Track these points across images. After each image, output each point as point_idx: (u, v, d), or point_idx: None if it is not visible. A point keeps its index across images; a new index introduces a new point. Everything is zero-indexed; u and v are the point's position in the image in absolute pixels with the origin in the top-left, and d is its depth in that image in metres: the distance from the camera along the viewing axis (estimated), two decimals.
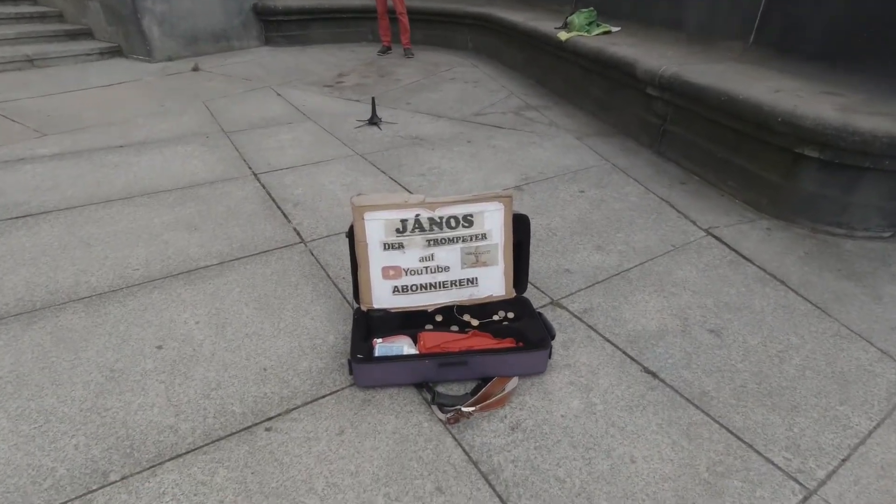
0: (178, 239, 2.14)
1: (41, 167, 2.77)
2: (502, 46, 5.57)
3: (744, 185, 2.51)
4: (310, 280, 1.89)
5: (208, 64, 5.17)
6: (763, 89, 2.37)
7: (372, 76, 5.02)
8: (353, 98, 4.24)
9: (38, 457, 1.20)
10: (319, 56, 5.78)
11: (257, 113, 3.81)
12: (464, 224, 1.49)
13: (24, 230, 2.18)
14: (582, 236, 2.22)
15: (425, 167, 2.90)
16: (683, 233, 2.26)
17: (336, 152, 3.09)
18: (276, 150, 3.10)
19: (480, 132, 3.48)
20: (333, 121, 3.66)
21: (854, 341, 1.63)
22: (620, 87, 3.44)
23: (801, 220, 2.28)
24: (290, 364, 1.50)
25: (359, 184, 2.67)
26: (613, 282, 1.90)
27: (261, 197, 2.53)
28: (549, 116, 3.85)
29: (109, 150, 3.05)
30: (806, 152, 2.15)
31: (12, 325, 1.64)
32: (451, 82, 4.84)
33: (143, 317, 1.68)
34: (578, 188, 2.68)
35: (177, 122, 3.56)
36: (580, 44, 3.75)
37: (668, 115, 3.03)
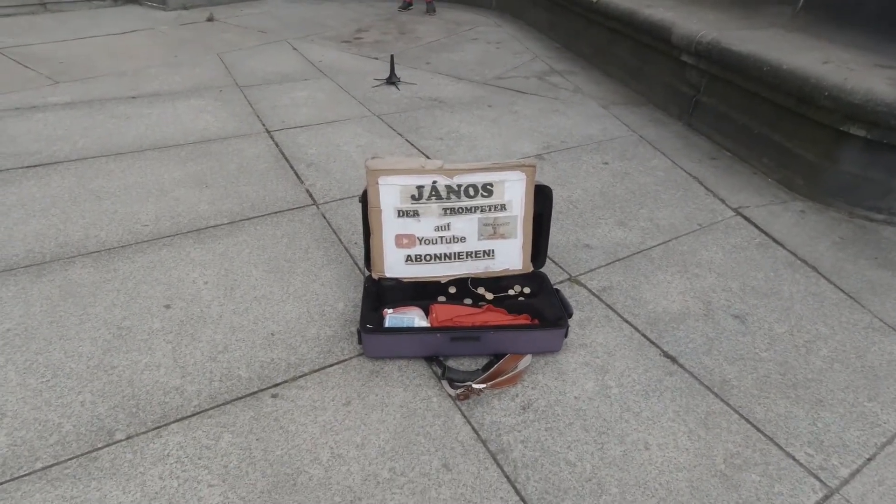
0: (188, 196, 2.10)
1: (53, 116, 2.72)
2: (528, 6, 5.31)
3: (779, 164, 2.38)
4: (321, 244, 1.84)
5: (223, 14, 5.01)
6: (810, 60, 2.21)
7: (392, 33, 4.83)
8: (372, 55, 4.08)
9: (44, 411, 1.20)
10: (338, 9, 5.57)
11: (272, 67, 3.69)
12: (483, 193, 1.41)
13: (34, 180, 2.15)
14: (604, 210, 2.13)
15: (443, 131, 2.80)
16: (711, 211, 2.16)
17: (352, 112, 2.99)
18: (291, 108, 3.01)
19: (502, 96, 3.33)
20: (350, 78, 3.53)
21: (887, 334, 1.55)
22: (652, 54, 3.25)
23: (838, 204, 2.16)
24: (299, 330, 1.47)
25: (374, 145, 2.59)
26: (635, 260, 1.83)
27: (273, 155, 2.46)
28: (574, 82, 3.67)
29: (121, 100, 2.98)
30: (852, 130, 2.01)
31: (21, 276, 1.62)
32: (473, 42, 4.64)
33: (151, 274, 1.66)
34: (602, 159, 2.57)
35: (190, 74, 3.47)
36: (612, 4, 3.53)
37: (702, 85, 2.87)
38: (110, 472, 1.08)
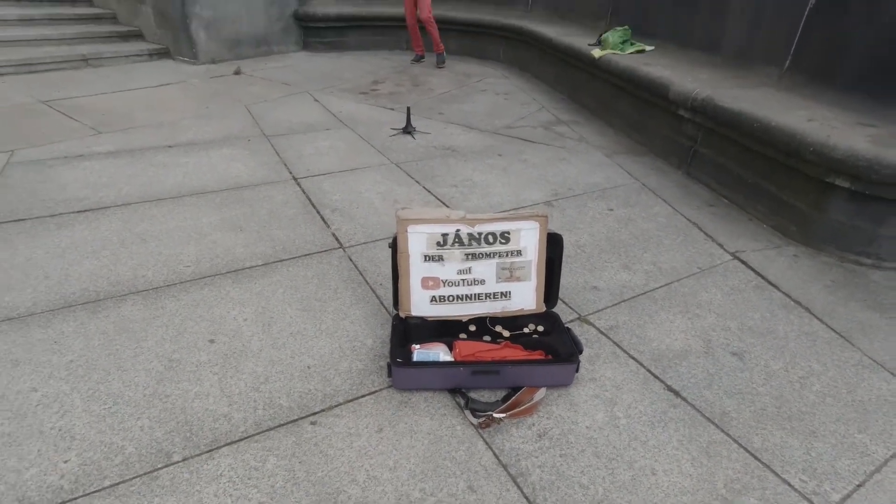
0: (225, 239, 2.28)
1: (98, 164, 2.96)
2: (534, 59, 5.65)
3: (773, 211, 2.55)
4: (348, 284, 2.00)
5: (249, 67, 5.37)
6: (797, 118, 2.41)
7: (405, 84, 5.15)
8: (388, 106, 4.37)
9: (108, 435, 1.33)
10: (355, 62, 5.95)
11: (296, 118, 3.96)
12: (501, 240, 1.58)
13: (85, 224, 2.34)
14: (610, 254, 2.29)
15: (458, 178, 3.00)
16: (710, 255, 2.31)
17: (371, 160, 3.21)
18: (315, 156, 3.24)
19: (511, 145, 3.56)
20: (369, 128, 3.79)
21: (876, 371, 1.67)
22: (652, 107, 3.49)
23: (828, 249, 2.31)
24: (332, 364, 1.61)
25: (394, 193, 2.79)
26: (639, 301, 1.97)
27: (301, 201, 2.66)
28: (579, 132, 3.91)
29: (159, 149, 3.22)
30: (837, 182, 2.19)
31: (80, 312, 1.78)
32: (482, 93, 4.94)
33: (195, 311, 1.81)
34: (607, 206, 2.75)
35: (220, 124, 3.73)
36: (613, 62, 3.81)
37: (698, 137, 3.08)
38: (170, 490, 1.21)
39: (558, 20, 5.74)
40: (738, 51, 3.34)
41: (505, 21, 6.05)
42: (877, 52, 2.44)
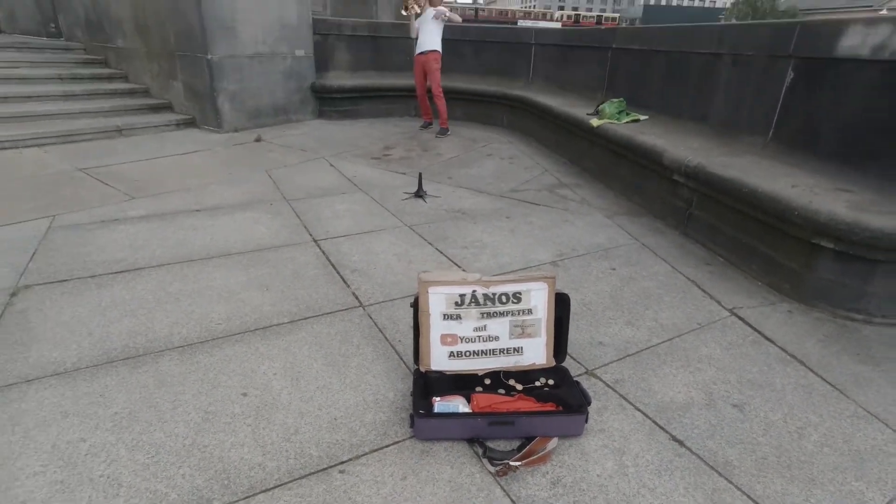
0: (252, 298, 2.44)
1: (133, 228, 3.17)
2: (537, 126, 6.03)
3: (766, 270, 2.70)
4: (369, 341, 2.13)
5: (268, 135, 5.74)
6: (782, 184, 2.61)
7: (415, 150, 5.49)
8: (400, 171, 4.65)
9: (153, 482, 1.43)
10: (367, 129, 6.34)
11: (314, 182, 4.23)
12: (513, 300, 1.73)
13: (123, 284, 2.51)
14: (614, 311, 2.43)
15: (468, 240, 3.19)
16: (709, 312, 2.45)
17: (386, 223, 3.42)
18: (333, 219, 3.46)
19: (518, 208, 3.79)
20: (382, 192, 4.03)
21: (871, 422, 1.76)
22: (648, 172, 3.73)
23: (820, 305, 2.45)
24: (357, 415, 1.72)
25: (409, 254, 2.97)
26: (643, 355, 2.09)
27: (322, 262, 2.84)
28: (581, 195, 4.15)
29: (188, 213, 3.45)
30: (822, 244, 2.36)
31: (121, 368, 1.91)
32: (488, 158, 5.25)
33: (228, 366, 1.94)
34: (610, 265, 2.91)
35: (244, 189, 3.99)
36: (611, 130, 4.11)
37: (693, 200, 3.29)
38: None
39: (557, 91, 6.16)
40: (725, 122, 3.62)
41: (509, 92, 6.50)
42: (847, 125, 2.68)
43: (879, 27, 2.44)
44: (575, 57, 6.07)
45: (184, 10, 5.23)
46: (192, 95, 5.65)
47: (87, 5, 5.97)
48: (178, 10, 5.26)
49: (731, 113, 3.54)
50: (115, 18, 5.79)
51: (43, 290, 2.44)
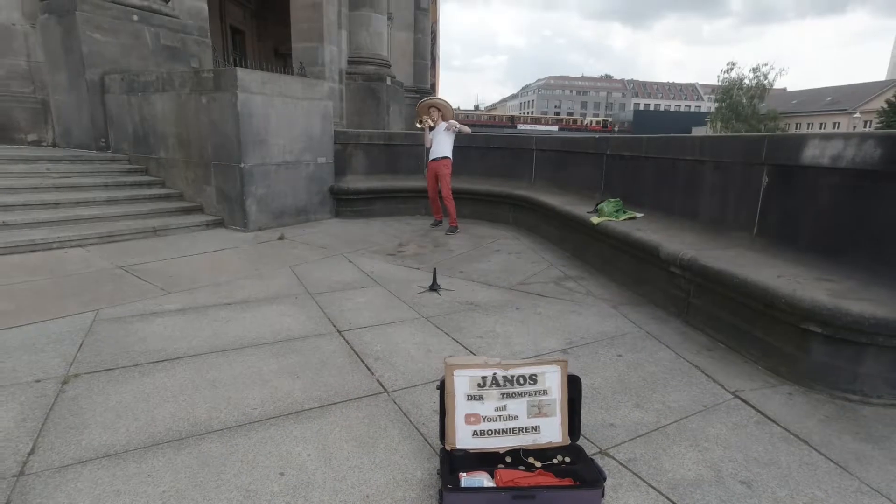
0: (284, 384, 2.62)
1: (170, 320, 3.42)
2: (541, 222, 6.45)
3: (764, 354, 2.88)
4: (395, 424, 2.28)
5: (290, 233, 6.17)
6: (768, 274, 2.87)
7: (427, 246, 5.86)
8: (414, 266, 4.97)
9: None
10: (381, 227, 6.79)
11: (334, 277, 4.53)
12: (530, 382, 1.92)
13: (164, 372, 2.71)
14: (622, 395, 2.57)
15: (482, 330, 3.40)
16: (713, 395, 2.59)
17: (404, 315, 3.66)
18: (354, 311, 3.70)
19: (527, 300, 4.03)
20: (399, 286, 4.31)
21: (874, 498, 1.85)
22: (647, 265, 4.02)
23: (818, 387, 2.59)
24: (388, 493, 1.84)
25: (427, 343, 3.17)
26: (653, 436, 2.21)
27: (346, 351, 3.03)
28: (585, 287, 4.41)
29: (220, 306, 3.71)
30: (811, 328, 2.56)
31: (166, 450, 2.06)
32: (496, 253, 5.60)
33: (265, 448, 2.09)
34: (616, 352, 3.09)
35: (270, 283, 4.29)
36: (610, 227, 4.47)
37: (690, 290, 3.54)
38: None
39: (557, 191, 6.68)
40: (713, 219, 3.97)
41: (514, 192, 7.02)
42: (820, 222, 3.00)
43: (833, 141, 2.84)
44: (572, 161, 6.67)
45: (223, 127, 5.90)
46: (223, 198, 6.16)
47: (136, 123, 6.72)
48: (218, 127, 5.94)
49: (718, 211, 3.91)
50: (161, 134, 6.50)
51: (91, 378, 2.63)
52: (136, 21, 7.12)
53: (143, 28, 7.21)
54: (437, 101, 6.78)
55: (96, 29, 6.74)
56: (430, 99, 6.89)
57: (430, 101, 6.80)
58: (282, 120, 6.25)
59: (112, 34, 6.89)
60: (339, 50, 13.05)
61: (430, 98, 6.98)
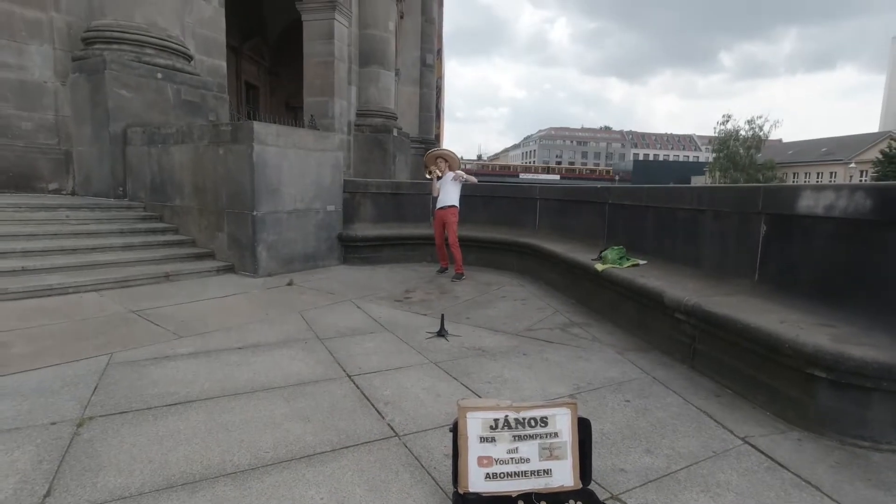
0: (295, 428, 2.64)
1: (182, 364, 3.47)
2: (545, 269, 6.55)
3: (771, 399, 2.89)
4: (407, 468, 2.30)
5: (298, 279, 6.27)
6: (771, 320, 2.94)
7: (434, 293, 5.94)
8: (421, 312, 5.03)
9: None
10: (388, 274, 6.89)
11: (343, 323, 4.59)
12: (541, 424, 1.96)
13: (176, 416, 2.74)
14: (632, 441, 2.58)
15: (490, 375, 3.43)
16: (723, 441, 2.60)
17: (413, 360, 3.70)
18: (363, 356, 3.74)
19: (533, 346, 4.07)
20: (407, 332, 4.36)
21: None
22: (652, 311, 4.08)
23: (828, 433, 2.60)
24: None
25: (436, 388, 3.20)
26: (664, 481, 2.22)
27: (357, 395, 3.07)
28: (591, 333, 4.45)
29: (231, 350, 3.76)
30: (815, 373, 2.60)
31: (181, 492, 2.08)
32: (502, 300, 5.67)
33: (278, 491, 2.10)
34: (624, 398, 3.11)
35: (280, 328, 4.35)
36: (614, 274, 4.56)
37: (695, 336, 3.58)
38: None
39: (560, 238, 6.81)
40: (715, 265, 4.06)
41: (519, 239, 7.16)
42: (818, 269, 3.10)
43: (825, 192, 2.98)
44: (575, 209, 6.85)
45: (238, 176, 6.13)
46: (235, 245, 6.32)
47: (154, 172, 6.99)
48: (233, 176, 6.18)
49: (719, 258, 4.01)
50: (178, 183, 6.74)
51: (105, 421, 2.67)
52: (160, 79, 7.53)
53: (167, 85, 7.62)
54: (444, 152, 7.06)
55: (123, 86, 7.13)
56: (437, 150, 7.17)
57: (437, 152, 7.07)
58: (294, 170, 6.50)
59: (137, 90, 7.28)
60: (348, 103, 13.63)
61: (437, 149, 7.27)
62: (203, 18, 9.25)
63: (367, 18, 13.65)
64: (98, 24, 7.35)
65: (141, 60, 7.38)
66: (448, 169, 6.80)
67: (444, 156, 6.94)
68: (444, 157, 6.92)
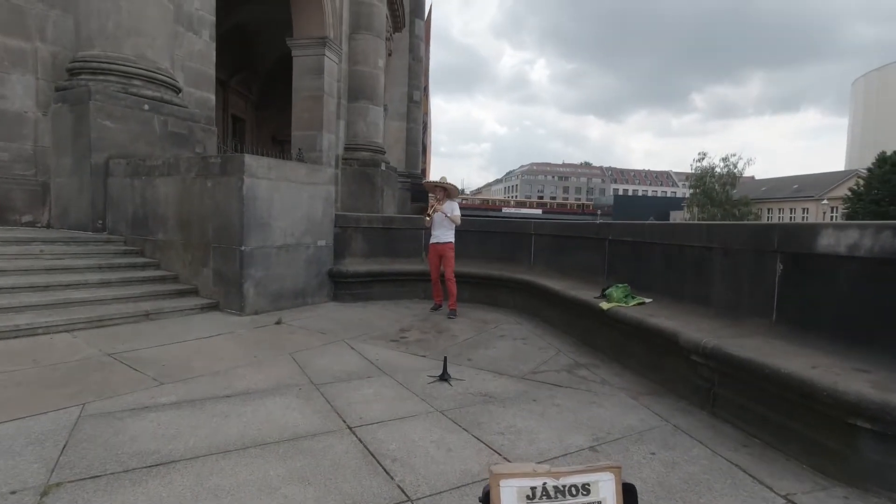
0: (295, 493, 2.35)
1: (164, 416, 3.15)
2: (542, 307, 6.37)
3: (806, 450, 2.71)
4: None
5: (287, 317, 5.96)
6: (800, 364, 2.78)
7: (430, 332, 5.70)
8: (419, 353, 4.78)
9: None
10: (380, 312, 6.63)
11: (338, 366, 4.31)
12: (583, 492, 1.74)
13: (158, 479, 2.43)
14: (667, 500, 2.36)
15: (502, 425, 3.19)
16: (763, 499, 2.39)
17: (418, 408, 3.44)
18: (364, 404, 3.47)
19: (542, 391, 3.84)
20: (406, 375, 4.10)
21: None
22: (664, 352, 3.91)
23: (874, 489, 2.41)
24: None
25: (446, 441, 2.94)
26: None
27: (360, 451, 2.79)
28: (599, 375, 4.25)
29: (219, 399, 3.45)
30: (858, 423, 2.43)
31: None
32: (501, 339, 5.45)
33: None
34: (649, 450, 2.89)
35: (270, 372, 4.05)
36: (621, 313, 4.40)
37: (714, 379, 3.41)
38: None
39: (557, 275, 6.67)
40: (726, 304, 3.94)
41: (515, 276, 7.00)
42: (845, 310, 2.98)
43: (848, 231, 2.89)
44: (572, 245, 6.74)
45: (227, 210, 5.90)
46: (220, 281, 6.02)
47: (136, 205, 6.71)
48: (221, 210, 5.94)
49: (730, 297, 3.88)
50: (162, 216, 6.46)
51: (75, 487, 2.34)
52: (146, 110, 7.33)
53: (153, 116, 7.42)
54: (446, 183, 6.92)
55: (108, 117, 6.91)
56: (438, 181, 7.00)
57: (436, 182, 6.93)
58: (285, 203, 6.29)
59: (122, 121, 7.06)
60: (336, 138, 13.59)
61: (436, 181, 7.10)
62: (193, 52, 9.17)
63: (356, 55, 13.78)
64: (85, 54, 7.17)
65: (128, 91, 7.19)
66: (446, 198, 6.68)
67: (443, 185, 6.82)
68: (442, 186, 6.81)
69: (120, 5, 7.22)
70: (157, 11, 7.69)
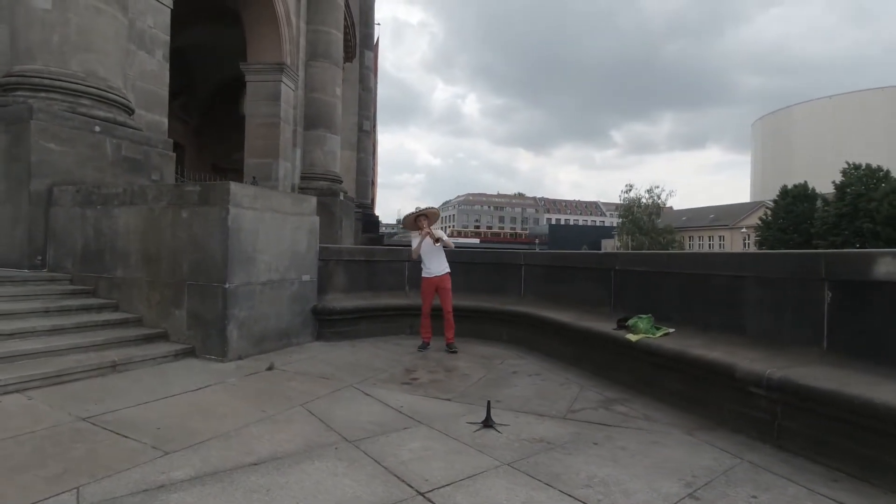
0: None
1: (189, 497, 2.57)
2: (541, 339, 6.20)
3: None
4: None
5: (278, 361, 5.33)
6: (886, 391, 2.75)
7: (438, 371, 5.33)
8: (442, 397, 4.41)
9: None
10: (374, 351, 6.15)
11: (362, 416, 3.84)
12: None
13: None
14: None
15: (582, 476, 2.90)
16: None
17: (481, 462, 3.07)
18: (418, 462, 3.05)
19: (595, 432, 3.61)
20: (444, 423, 3.72)
21: None
22: (708, 384, 3.82)
23: None
24: None
25: (535, 500, 2.61)
26: None
27: None
28: (639, 411, 4.09)
29: (246, 468, 2.90)
30: None
31: None
32: (515, 376, 5.18)
33: None
34: (746, 493, 2.73)
35: (290, 430, 3.51)
36: (654, 345, 4.29)
37: (777, 412, 3.33)
38: None
39: (551, 306, 6.54)
40: (763, 333, 3.94)
41: (508, 308, 6.80)
42: None
43: None
44: (567, 276, 6.68)
45: (204, 242, 5.27)
46: (196, 323, 5.32)
47: (88, 237, 5.86)
48: (199, 243, 5.29)
49: (771, 326, 3.89)
50: (122, 251, 5.66)
51: None
52: (97, 132, 6.52)
53: (105, 139, 6.61)
54: (427, 210, 6.64)
55: (52, 138, 6.05)
56: (417, 211, 6.70)
57: (415, 213, 6.63)
58: (270, 236, 5.74)
59: (69, 144, 6.21)
60: (293, 166, 12.99)
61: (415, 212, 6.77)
62: (145, 71, 8.39)
63: (314, 83, 13.37)
64: (24, 68, 6.31)
65: (76, 111, 6.37)
66: (428, 225, 6.39)
67: (424, 213, 6.54)
68: (424, 214, 6.53)
69: (68, 17, 6.47)
70: (109, 26, 6.97)
